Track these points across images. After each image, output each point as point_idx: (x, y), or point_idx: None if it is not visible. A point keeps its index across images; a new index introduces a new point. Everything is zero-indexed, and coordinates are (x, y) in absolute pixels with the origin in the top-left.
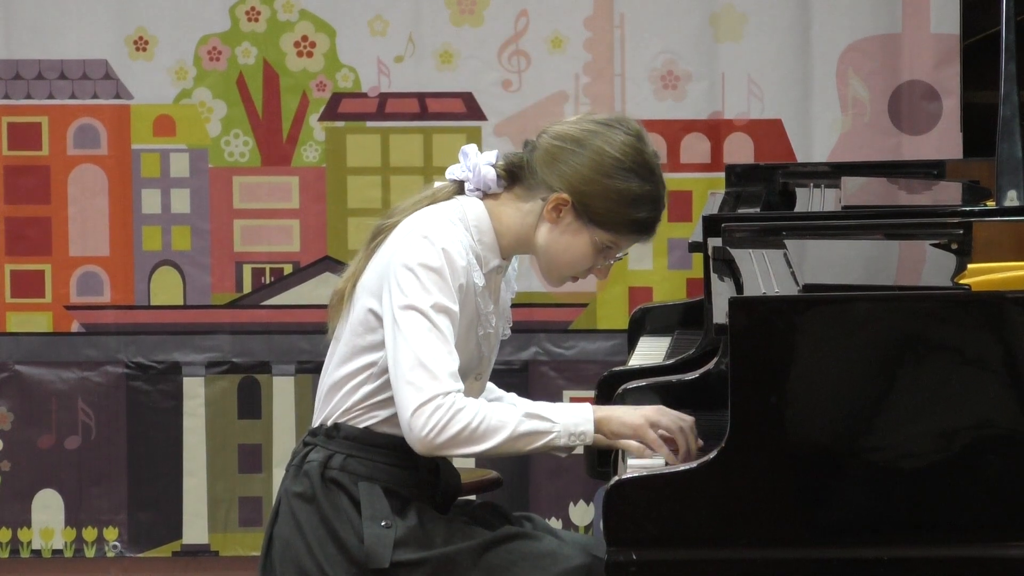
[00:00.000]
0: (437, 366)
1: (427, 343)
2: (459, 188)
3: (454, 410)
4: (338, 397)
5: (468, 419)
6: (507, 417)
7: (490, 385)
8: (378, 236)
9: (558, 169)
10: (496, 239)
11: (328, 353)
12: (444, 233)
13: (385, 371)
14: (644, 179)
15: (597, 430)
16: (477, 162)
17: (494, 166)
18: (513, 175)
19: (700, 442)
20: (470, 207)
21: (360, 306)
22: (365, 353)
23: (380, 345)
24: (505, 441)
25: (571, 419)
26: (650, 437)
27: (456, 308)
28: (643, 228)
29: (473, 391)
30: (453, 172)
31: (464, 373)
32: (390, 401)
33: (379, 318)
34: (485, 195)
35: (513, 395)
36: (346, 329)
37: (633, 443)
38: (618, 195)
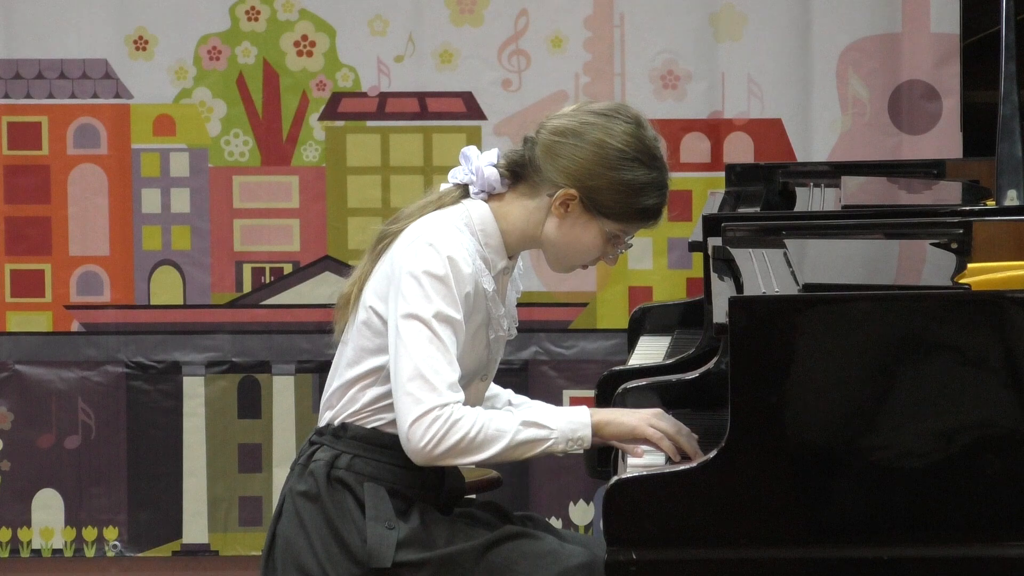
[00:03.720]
0: (436, 378)
1: (427, 354)
2: (464, 191)
3: (451, 421)
4: (346, 398)
5: (466, 430)
6: (505, 426)
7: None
8: (383, 240)
9: (561, 164)
10: (502, 240)
11: (336, 355)
12: (450, 240)
13: None
14: (649, 167)
15: (595, 434)
16: (479, 164)
17: (496, 166)
18: (516, 173)
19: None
20: (475, 211)
21: (366, 310)
22: (372, 356)
23: (386, 348)
24: (503, 450)
25: (568, 425)
26: (649, 433)
27: (460, 317)
28: (651, 215)
29: (479, 391)
30: (456, 175)
31: (471, 375)
32: None
33: (385, 322)
34: (490, 196)
35: (510, 392)
36: (353, 332)
37: (629, 444)
38: (625, 186)
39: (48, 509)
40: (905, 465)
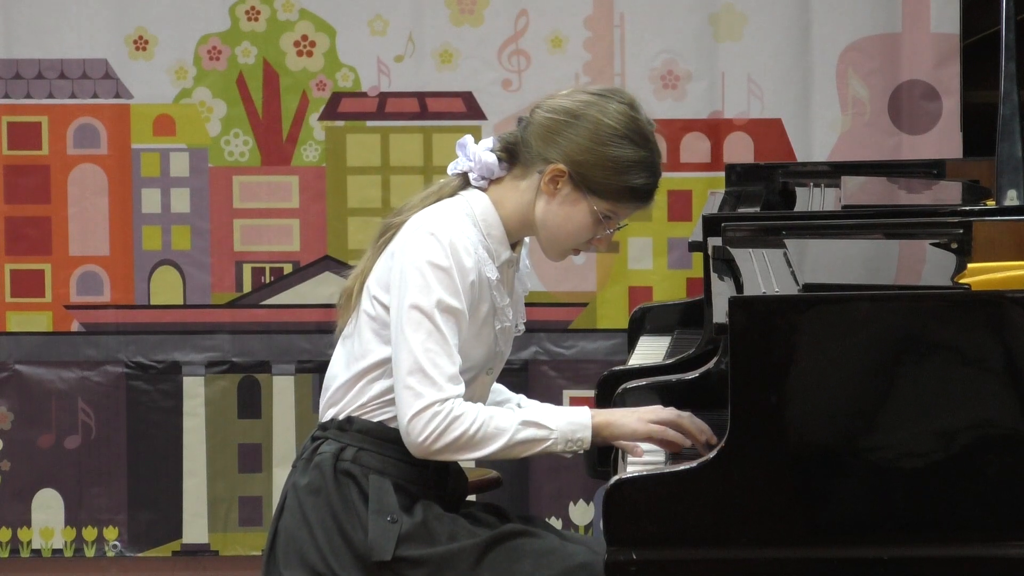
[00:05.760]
0: (435, 371)
1: (426, 347)
2: (464, 181)
3: (451, 417)
4: (353, 392)
5: (466, 426)
6: (505, 424)
7: (500, 387)
8: (386, 233)
9: (554, 142)
10: (504, 229)
11: (336, 352)
12: (452, 230)
13: None
14: (639, 146)
15: (595, 436)
16: (476, 151)
17: (493, 151)
18: (511, 153)
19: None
20: (476, 201)
21: (370, 301)
22: (380, 347)
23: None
24: (501, 448)
25: (568, 426)
26: (654, 430)
27: (462, 307)
28: (641, 195)
29: (484, 385)
30: (456, 166)
31: (479, 368)
32: None
33: (389, 311)
34: (489, 183)
35: (522, 397)
36: (357, 326)
37: (629, 443)
38: (614, 163)
39: (48, 509)
40: (905, 465)
